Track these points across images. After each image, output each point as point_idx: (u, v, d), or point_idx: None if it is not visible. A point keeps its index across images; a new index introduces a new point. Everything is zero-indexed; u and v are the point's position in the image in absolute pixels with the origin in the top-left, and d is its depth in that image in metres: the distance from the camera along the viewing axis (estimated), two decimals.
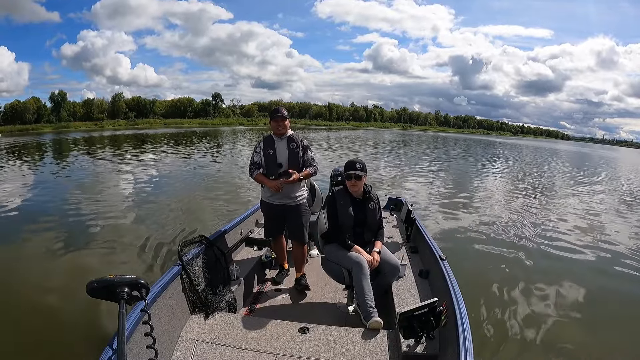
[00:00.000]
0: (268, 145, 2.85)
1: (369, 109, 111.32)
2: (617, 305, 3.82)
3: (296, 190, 2.88)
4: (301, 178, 2.81)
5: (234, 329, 2.08)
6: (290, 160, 2.81)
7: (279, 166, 2.81)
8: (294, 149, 2.82)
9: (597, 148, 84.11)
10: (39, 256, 4.57)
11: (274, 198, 2.87)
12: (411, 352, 1.88)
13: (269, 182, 2.79)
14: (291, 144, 2.83)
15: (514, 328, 3.20)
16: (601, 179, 16.01)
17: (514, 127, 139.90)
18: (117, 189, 9.17)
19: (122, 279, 1.09)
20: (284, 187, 2.78)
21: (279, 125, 2.80)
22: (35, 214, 6.53)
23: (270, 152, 2.83)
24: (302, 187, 2.94)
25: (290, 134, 2.87)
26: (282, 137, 2.84)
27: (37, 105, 60.84)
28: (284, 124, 2.81)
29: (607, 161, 31.96)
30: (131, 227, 5.73)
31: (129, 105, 72.82)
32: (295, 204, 2.89)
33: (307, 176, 2.87)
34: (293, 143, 2.83)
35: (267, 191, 2.89)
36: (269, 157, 2.83)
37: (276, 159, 2.82)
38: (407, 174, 12.73)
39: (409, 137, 49.88)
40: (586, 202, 9.46)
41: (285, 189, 2.80)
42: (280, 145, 2.83)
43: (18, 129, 52.18)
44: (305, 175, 2.83)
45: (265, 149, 2.85)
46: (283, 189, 2.77)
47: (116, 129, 56.69)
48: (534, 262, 4.80)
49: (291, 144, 2.83)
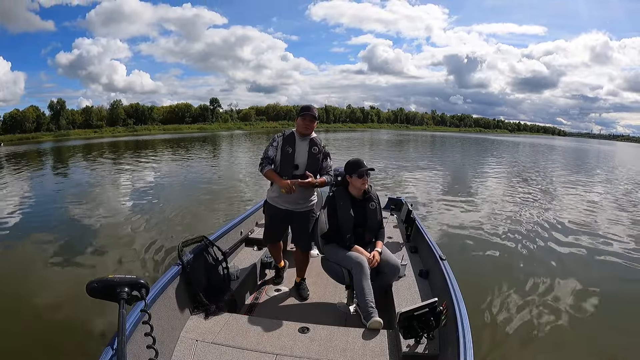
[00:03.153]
0: (288, 142, 2.61)
1: (366, 110, 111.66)
2: (619, 305, 3.80)
3: (306, 196, 2.68)
4: (316, 184, 2.59)
5: (234, 329, 2.08)
6: (308, 164, 2.60)
7: (295, 167, 2.59)
8: (316, 153, 2.62)
9: (595, 143, 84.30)
10: (39, 257, 4.59)
11: (280, 201, 2.68)
12: (411, 352, 1.88)
13: (280, 181, 2.55)
14: (313, 147, 2.62)
15: (514, 328, 3.19)
16: (600, 175, 16.02)
17: (511, 124, 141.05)
18: (117, 191, 9.20)
19: (122, 279, 1.09)
20: (297, 192, 2.57)
21: (308, 125, 2.58)
22: (36, 216, 6.57)
23: (289, 151, 2.59)
24: (312, 193, 2.74)
25: (313, 136, 2.66)
26: (305, 138, 2.62)
27: (36, 114, 60.98)
28: (313, 125, 2.60)
29: (604, 156, 32.01)
30: (131, 228, 5.73)
31: (127, 112, 73.00)
32: (303, 210, 2.71)
33: (322, 184, 2.64)
34: (315, 147, 2.62)
35: (274, 192, 2.69)
36: (286, 156, 2.59)
37: (294, 159, 2.59)
38: (407, 174, 12.73)
39: (406, 137, 49.97)
40: (586, 199, 9.45)
41: (298, 194, 2.60)
42: (301, 146, 2.61)
43: (18, 138, 52.29)
44: (320, 183, 2.61)
45: (284, 145, 2.61)
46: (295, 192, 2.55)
47: (115, 136, 56.76)
48: (534, 262, 4.80)
49: (313, 147, 2.62)
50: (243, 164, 15.58)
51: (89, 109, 70.43)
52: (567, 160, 24.67)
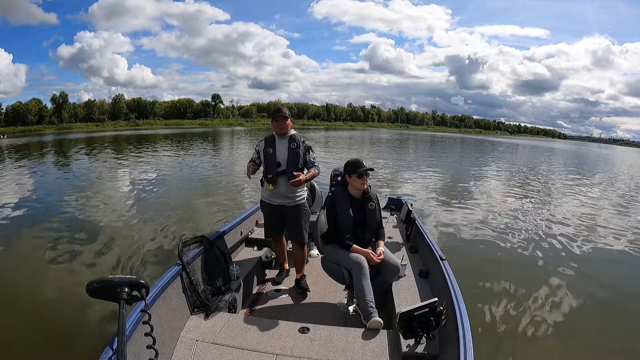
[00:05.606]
0: (268, 144, 2.86)
1: (367, 109, 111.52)
2: (620, 305, 3.81)
3: (296, 191, 2.85)
4: (307, 179, 2.77)
5: (234, 329, 2.08)
6: (289, 160, 2.79)
7: (278, 165, 2.80)
8: (295, 148, 2.80)
9: (595, 147, 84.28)
10: (39, 257, 4.58)
11: (273, 198, 2.87)
12: (411, 352, 1.88)
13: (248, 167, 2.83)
14: (292, 143, 2.82)
15: (514, 328, 3.20)
16: (599, 177, 16.03)
17: (511, 126, 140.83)
18: (117, 189, 9.18)
19: (122, 279, 1.09)
20: (283, 187, 2.77)
21: (281, 125, 2.80)
22: (36, 215, 6.54)
23: (270, 151, 2.83)
24: (301, 187, 2.90)
25: (292, 133, 2.87)
26: (283, 137, 2.84)
27: (38, 107, 61.08)
28: (286, 124, 2.80)
29: (604, 159, 31.98)
30: (131, 227, 5.73)
31: (129, 107, 73.10)
32: (294, 204, 2.87)
33: (312, 177, 2.84)
34: (294, 143, 2.82)
35: (266, 191, 2.89)
36: (268, 156, 2.82)
37: (275, 158, 2.81)
38: (407, 174, 12.72)
39: (406, 137, 49.91)
40: (586, 200, 9.47)
41: (285, 189, 2.79)
42: (281, 145, 2.83)
43: (20, 130, 52.42)
44: (310, 177, 2.80)
45: (265, 147, 2.85)
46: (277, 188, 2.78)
47: (117, 129, 56.81)
48: (534, 262, 4.81)
49: (292, 143, 2.82)
50: (245, 162, 15.54)
51: (92, 103, 70.64)
52: (567, 163, 24.69)
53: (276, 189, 2.81)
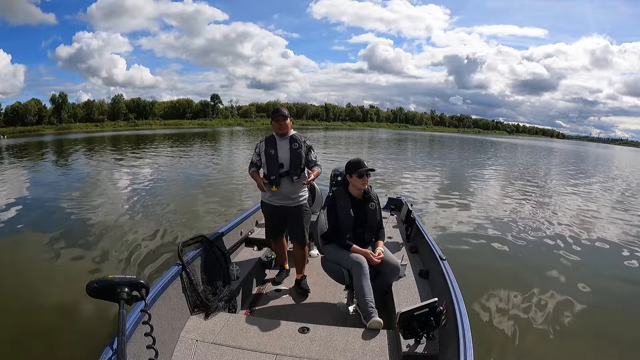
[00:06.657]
0: (269, 145, 2.80)
1: (365, 109, 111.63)
2: (620, 305, 3.81)
3: (297, 192, 2.82)
4: (313, 179, 2.78)
5: (234, 329, 2.08)
6: (292, 160, 2.75)
7: (280, 166, 2.76)
8: (297, 149, 2.76)
9: (593, 146, 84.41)
10: (39, 257, 4.57)
11: (274, 199, 2.83)
12: (411, 352, 1.88)
13: (257, 179, 2.79)
14: (293, 143, 2.77)
15: (514, 328, 3.19)
16: (598, 177, 16.04)
17: (510, 126, 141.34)
18: (117, 189, 9.17)
19: (122, 279, 1.09)
20: (286, 189, 2.75)
21: (281, 125, 2.75)
22: (36, 215, 6.53)
23: (272, 152, 2.77)
24: (302, 188, 2.88)
25: (292, 133, 2.82)
26: (284, 137, 2.79)
27: (38, 107, 61.03)
28: (286, 124, 2.76)
29: (603, 159, 32.03)
30: (131, 227, 5.71)
31: (128, 107, 73.11)
32: (295, 204, 2.84)
33: (317, 176, 2.83)
34: (295, 143, 2.77)
35: (267, 192, 2.84)
36: (271, 157, 2.77)
37: (277, 159, 2.76)
38: (406, 174, 12.71)
39: (405, 137, 49.91)
40: (585, 200, 9.46)
41: (288, 190, 2.77)
42: (282, 145, 2.78)
43: (20, 130, 52.40)
44: (316, 176, 2.80)
45: (266, 149, 2.80)
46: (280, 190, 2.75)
47: (117, 130, 56.78)
48: (535, 261, 4.80)
49: (293, 143, 2.77)
50: (242, 165, 15.55)
51: (91, 103, 70.65)
52: (565, 162, 24.69)
53: (279, 190, 2.77)
